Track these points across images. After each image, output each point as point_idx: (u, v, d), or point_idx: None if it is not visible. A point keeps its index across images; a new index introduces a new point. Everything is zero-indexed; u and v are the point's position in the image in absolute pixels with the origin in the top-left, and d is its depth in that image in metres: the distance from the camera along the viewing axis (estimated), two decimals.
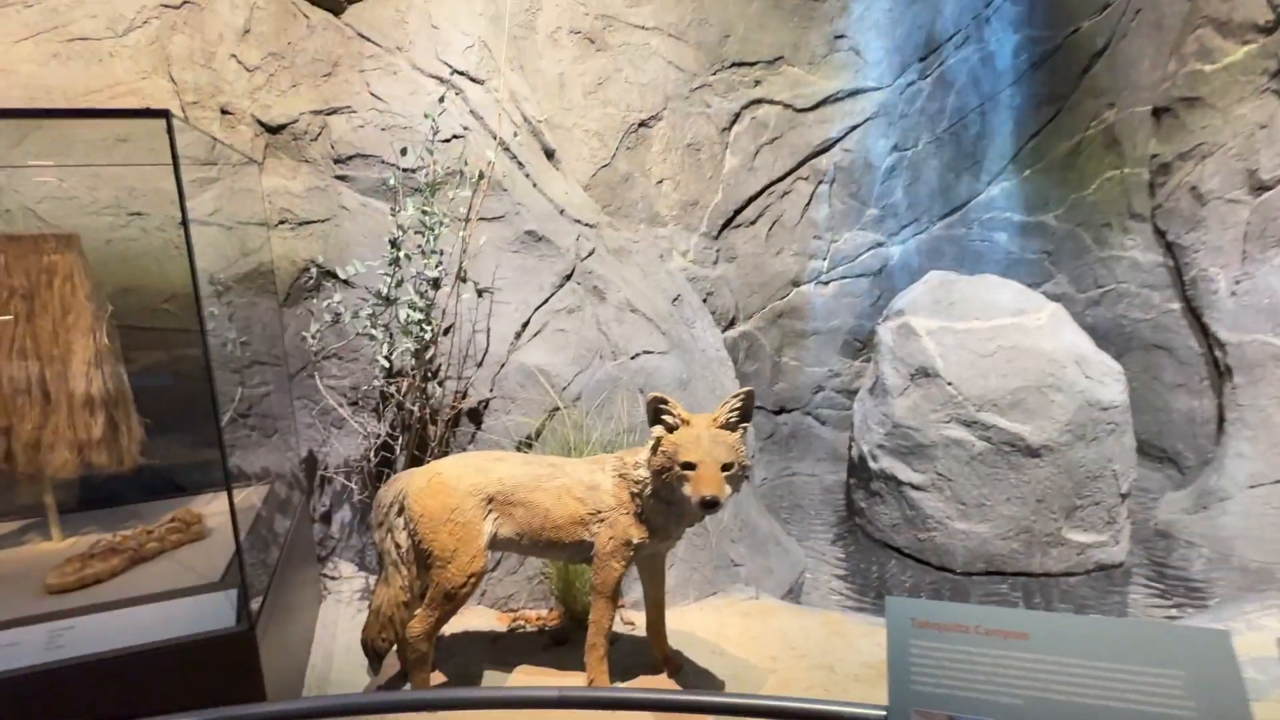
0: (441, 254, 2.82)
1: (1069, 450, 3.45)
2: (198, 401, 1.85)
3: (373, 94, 3.19)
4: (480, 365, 2.99)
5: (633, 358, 3.17)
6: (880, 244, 5.34)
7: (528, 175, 3.43)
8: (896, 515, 3.82)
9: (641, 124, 4.53)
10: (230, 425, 2.74)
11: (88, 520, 2.32)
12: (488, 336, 3.01)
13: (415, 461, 2.79)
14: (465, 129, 3.23)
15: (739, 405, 2.00)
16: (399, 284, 2.74)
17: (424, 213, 2.70)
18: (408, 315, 2.65)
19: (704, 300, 4.55)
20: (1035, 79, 5.17)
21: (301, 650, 2.45)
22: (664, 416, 2.00)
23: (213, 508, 2.44)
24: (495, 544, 2.16)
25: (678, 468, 1.94)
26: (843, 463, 4.88)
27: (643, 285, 3.74)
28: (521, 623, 2.70)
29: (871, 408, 4.04)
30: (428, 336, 2.74)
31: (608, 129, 4.41)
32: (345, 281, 2.95)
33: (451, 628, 2.60)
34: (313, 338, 2.72)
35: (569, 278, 3.24)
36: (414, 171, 2.99)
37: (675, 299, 3.93)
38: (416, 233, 2.76)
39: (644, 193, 4.57)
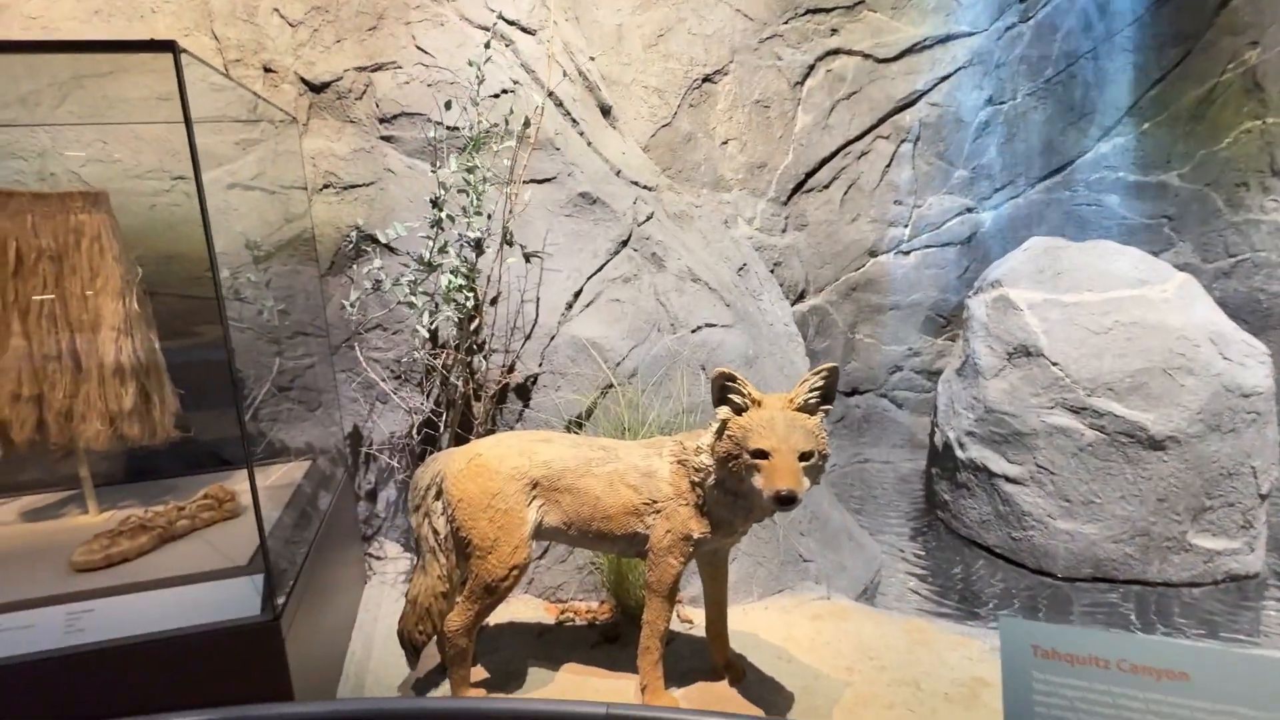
0: (489, 217, 2.60)
1: (1200, 443, 2.98)
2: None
3: (419, 48, 2.99)
4: (529, 337, 2.78)
5: (694, 331, 2.90)
6: (970, 209, 4.84)
7: (582, 134, 3.18)
8: (987, 510, 3.42)
9: (705, 79, 4.19)
10: (271, 398, 2.64)
11: (125, 493, 2.24)
12: (537, 306, 2.80)
13: (459, 440, 2.62)
14: (515, 83, 2.99)
15: (820, 384, 1.70)
16: (442, 248, 2.54)
17: (468, 170, 2.49)
18: (449, 281, 2.45)
19: (771, 271, 4.21)
20: (1160, 17, 4.51)
21: (340, 636, 2.32)
22: (731, 396, 1.73)
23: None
24: (540, 533, 1.95)
25: (747, 455, 1.67)
26: (921, 450, 4.49)
27: (705, 253, 3.44)
28: (570, 615, 2.51)
29: (959, 390, 3.64)
30: (470, 305, 2.55)
31: (669, 85, 4.10)
32: (388, 247, 2.79)
33: (496, 618, 2.44)
34: (351, 306, 2.57)
35: (625, 244, 2.98)
36: (459, 130, 2.78)
37: (740, 268, 3.61)
38: (460, 192, 2.55)
39: (707, 154, 4.24)
